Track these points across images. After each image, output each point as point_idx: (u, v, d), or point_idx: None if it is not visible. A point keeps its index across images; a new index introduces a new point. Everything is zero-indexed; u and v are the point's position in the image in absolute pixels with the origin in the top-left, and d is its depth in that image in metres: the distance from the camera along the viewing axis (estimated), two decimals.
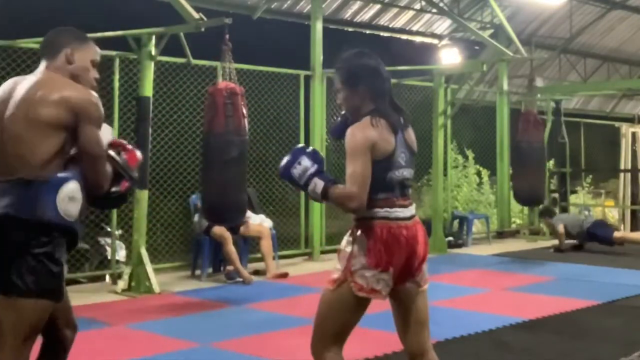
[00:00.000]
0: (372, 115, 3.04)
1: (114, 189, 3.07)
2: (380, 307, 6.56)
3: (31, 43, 7.37)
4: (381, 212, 3.01)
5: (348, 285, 3.00)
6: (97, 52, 3.11)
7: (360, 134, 3.00)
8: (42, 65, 3.02)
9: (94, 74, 3.09)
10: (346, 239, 3.10)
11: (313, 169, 3.05)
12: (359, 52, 3.22)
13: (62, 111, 2.83)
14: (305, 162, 3.06)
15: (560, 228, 10.25)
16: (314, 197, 3.07)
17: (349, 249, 3.05)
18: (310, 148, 3.17)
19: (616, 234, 10.14)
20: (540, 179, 9.98)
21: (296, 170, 3.06)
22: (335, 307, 3.04)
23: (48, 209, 2.79)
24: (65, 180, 2.84)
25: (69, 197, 2.83)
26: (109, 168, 3.02)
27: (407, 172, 3.11)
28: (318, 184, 3.02)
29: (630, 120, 15.20)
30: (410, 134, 3.22)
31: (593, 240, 10.13)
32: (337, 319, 3.05)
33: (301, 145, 3.19)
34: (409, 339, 3.21)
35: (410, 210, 3.11)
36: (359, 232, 3.03)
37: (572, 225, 10.23)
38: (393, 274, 3.01)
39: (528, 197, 10.12)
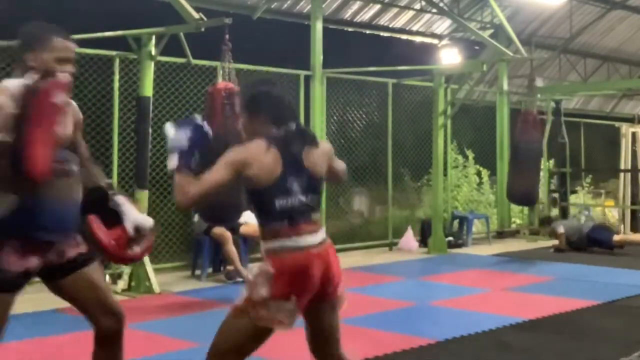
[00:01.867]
0: (265, 140, 2.96)
1: None
2: (381, 307, 6.54)
3: None
4: (284, 242, 2.93)
5: (249, 315, 2.94)
6: (60, 48, 2.98)
7: (236, 150, 2.95)
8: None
9: (65, 69, 2.98)
10: (257, 266, 3.04)
11: (181, 145, 2.92)
12: (262, 80, 3.21)
13: None
14: (182, 135, 2.93)
15: (560, 229, 10.26)
16: (169, 169, 2.98)
17: (251, 277, 3.00)
18: (201, 125, 3.01)
19: (616, 237, 10.15)
20: (534, 179, 9.96)
21: (173, 139, 2.95)
22: (236, 335, 3.00)
23: None
24: None
25: None
26: None
27: (305, 199, 2.99)
28: (172, 161, 2.93)
29: (630, 120, 15.18)
30: (317, 158, 3.07)
31: (593, 245, 10.13)
32: (237, 347, 3.01)
33: (197, 120, 3.02)
34: (319, 352, 3.17)
35: (320, 236, 3.02)
36: (264, 262, 2.97)
37: (572, 232, 10.23)
38: (298, 302, 2.94)
39: (522, 197, 10.11)
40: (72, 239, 3.13)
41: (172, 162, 2.94)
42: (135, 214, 3.28)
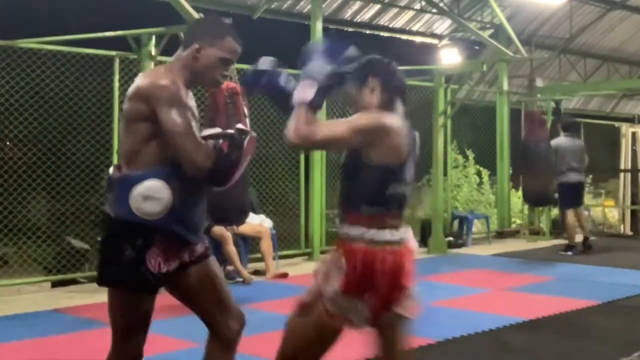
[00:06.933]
0: (398, 118, 2.77)
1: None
2: None
3: (31, 43, 7.36)
4: (368, 233, 2.71)
5: (318, 311, 2.69)
6: (229, 50, 2.92)
7: (369, 117, 2.70)
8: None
9: (221, 71, 2.94)
10: (329, 257, 2.80)
11: (322, 78, 2.65)
12: (371, 56, 2.98)
13: (136, 103, 2.78)
14: (324, 68, 2.65)
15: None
16: (295, 98, 2.68)
17: (323, 269, 2.76)
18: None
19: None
20: (549, 178, 9.91)
21: (311, 67, 2.67)
22: (305, 336, 2.76)
23: (121, 207, 2.75)
24: (141, 178, 2.73)
25: (143, 195, 2.72)
26: (207, 145, 2.81)
27: (409, 190, 2.82)
28: (306, 91, 2.65)
29: (630, 120, 15.20)
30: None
31: None
32: (306, 350, 2.76)
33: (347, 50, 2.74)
34: None
35: (400, 233, 2.80)
36: (338, 253, 2.73)
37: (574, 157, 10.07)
38: (369, 303, 2.70)
39: (538, 198, 10.05)
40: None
41: (306, 92, 2.62)
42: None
